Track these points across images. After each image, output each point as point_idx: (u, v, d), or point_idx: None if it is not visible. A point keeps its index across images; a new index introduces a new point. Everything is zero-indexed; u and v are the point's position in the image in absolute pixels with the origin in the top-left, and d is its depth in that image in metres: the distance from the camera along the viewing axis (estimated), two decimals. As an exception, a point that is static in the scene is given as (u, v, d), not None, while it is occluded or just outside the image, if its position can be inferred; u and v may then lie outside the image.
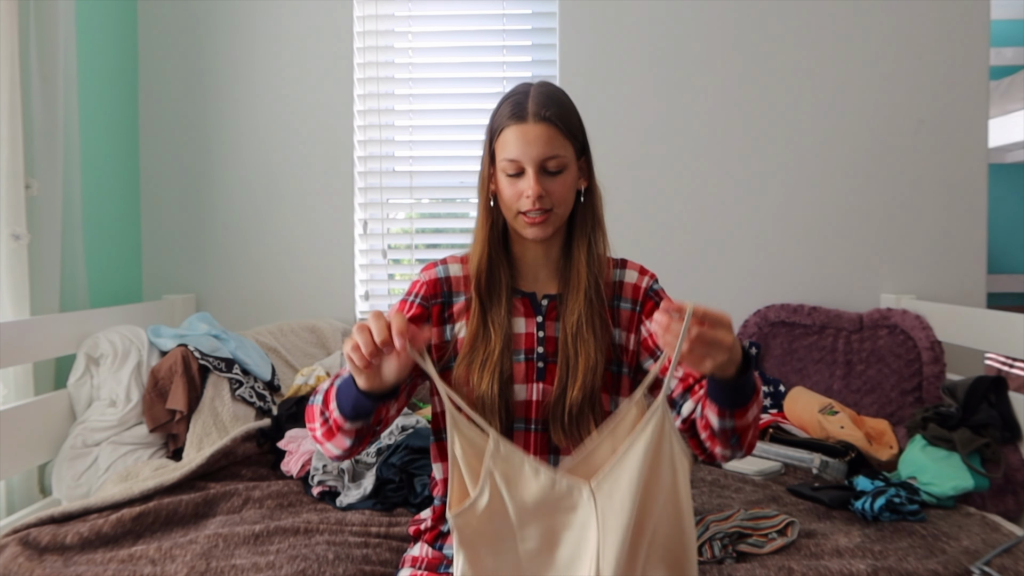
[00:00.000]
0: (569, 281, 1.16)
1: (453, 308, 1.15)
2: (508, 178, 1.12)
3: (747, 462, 1.88)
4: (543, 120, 1.10)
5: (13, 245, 1.87)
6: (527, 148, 1.09)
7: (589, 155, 1.18)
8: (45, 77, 1.99)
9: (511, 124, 1.10)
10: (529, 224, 1.12)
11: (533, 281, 1.19)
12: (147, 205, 2.63)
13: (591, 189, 1.20)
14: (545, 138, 1.10)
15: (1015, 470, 1.73)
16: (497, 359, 1.09)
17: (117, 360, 1.97)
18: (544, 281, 1.19)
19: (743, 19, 2.53)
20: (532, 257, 1.18)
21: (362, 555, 1.38)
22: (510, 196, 1.12)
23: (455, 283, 1.17)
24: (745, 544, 1.41)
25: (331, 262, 2.64)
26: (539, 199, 1.10)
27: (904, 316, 2.33)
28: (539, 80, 1.18)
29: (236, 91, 2.62)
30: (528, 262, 1.18)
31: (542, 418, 1.11)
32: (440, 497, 1.17)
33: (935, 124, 2.51)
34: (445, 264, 1.19)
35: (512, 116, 1.11)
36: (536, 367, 1.13)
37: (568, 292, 1.15)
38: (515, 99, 1.12)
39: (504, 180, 1.12)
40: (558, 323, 1.15)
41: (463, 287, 1.16)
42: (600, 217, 1.21)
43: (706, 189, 2.56)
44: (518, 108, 1.11)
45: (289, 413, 2.00)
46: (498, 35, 2.63)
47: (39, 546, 1.42)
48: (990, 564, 1.30)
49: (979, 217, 2.51)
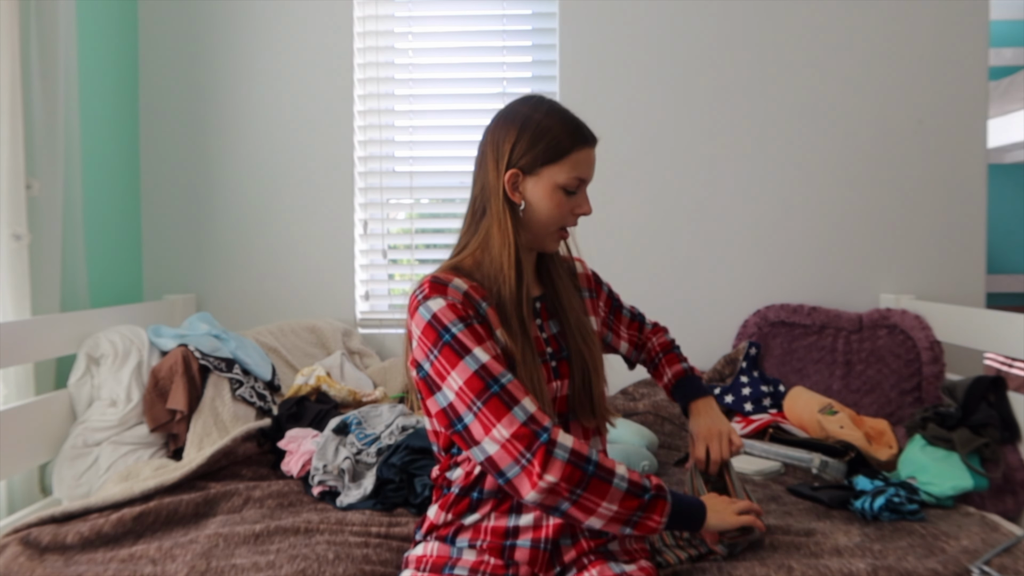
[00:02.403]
0: (553, 281, 1.26)
1: (487, 319, 1.14)
2: (563, 195, 1.18)
3: (747, 462, 1.88)
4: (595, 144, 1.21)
5: (14, 245, 1.87)
6: (590, 170, 1.20)
7: None
8: (45, 77, 1.99)
9: (585, 146, 1.18)
10: (562, 238, 1.23)
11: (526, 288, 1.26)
12: (147, 205, 2.64)
13: None
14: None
15: (1014, 470, 1.73)
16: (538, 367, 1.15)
17: (117, 360, 1.97)
18: (531, 287, 1.25)
19: (743, 19, 2.54)
20: (527, 266, 1.23)
21: (362, 555, 1.38)
22: (560, 213, 1.19)
23: (473, 294, 1.15)
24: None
25: (331, 262, 2.64)
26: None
27: (904, 316, 2.33)
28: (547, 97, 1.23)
29: (236, 91, 2.62)
30: (527, 271, 1.23)
31: (563, 411, 1.21)
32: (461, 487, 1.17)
33: (934, 124, 2.51)
34: (450, 281, 1.15)
35: (584, 139, 1.18)
36: (551, 367, 1.20)
37: (556, 291, 1.25)
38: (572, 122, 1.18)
39: (558, 196, 1.17)
40: (551, 321, 1.24)
41: (477, 295, 1.15)
42: None
43: (706, 189, 2.56)
44: (583, 132, 1.19)
45: (289, 413, 2.00)
46: (498, 35, 2.63)
47: (40, 546, 1.42)
48: (990, 563, 1.30)
49: (979, 217, 2.51)
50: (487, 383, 1.05)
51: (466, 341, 1.08)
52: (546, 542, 1.14)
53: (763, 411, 2.22)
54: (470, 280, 1.17)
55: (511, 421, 1.04)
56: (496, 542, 1.15)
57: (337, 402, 2.14)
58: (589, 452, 1.07)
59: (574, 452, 1.05)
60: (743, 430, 2.08)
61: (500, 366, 1.07)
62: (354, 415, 1.91)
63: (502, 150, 1.17)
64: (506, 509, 1.15)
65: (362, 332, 2.64)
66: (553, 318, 1.24)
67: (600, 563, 1.14)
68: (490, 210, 1.18)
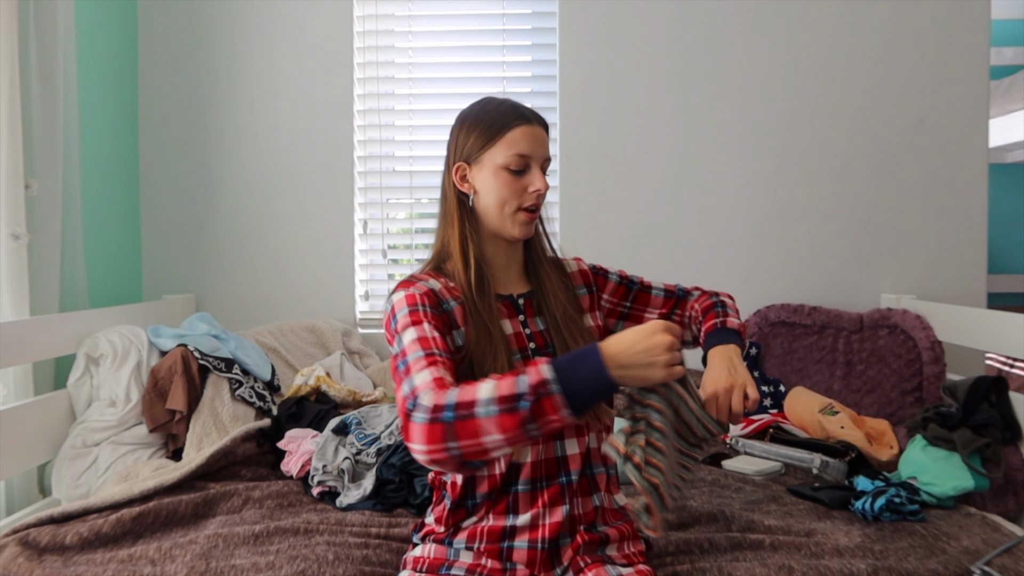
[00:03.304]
0: (540, 278, 1.25)
1: (453, 315, 1.16)
2: (509, 174, 1.17)
3: (747, 462, 1.88)
4: (542, 125, 1.21)
5: (13, 245, 1.87)
6: (536, 146, 1.18)
7: None
8: (45, 77, 1.99)
9: (520, 123, 1.18)
10: (527, 220, 1.19)
11: (505, 283, 1.24)
12: (147, 205, 2.63)
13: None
14: (545, 140, 1.21)
15: (1015, 470, 1.73)
16: (504, 362, 1.12)
17: (117, 360, 1.97)
18: (514, 282, 1.26)
19: (743, 19, 2.53)
20: (504, 259, 1.24)
21: (362, 556, 1.38)
22: (510, 192, 1.17)
23: (442, 292, 1.17)
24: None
25: (331, 262, 2.64)
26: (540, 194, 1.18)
27: (904, 316, 2.33)
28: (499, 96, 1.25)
29: (236, 91, 2.62)
30: (500, 264, 1.24)
31: None
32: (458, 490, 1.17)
33: (935, 124, 2.51)
34: (425, 279, 1.17)
35: (518, 117, 1.18)
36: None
37: (543, 288, 1.24)
38: (507, 104, 1.20)
39: (503, 176, 1.17)
40: (537, 318, 1.23)
41: (448, 295, 1.17)
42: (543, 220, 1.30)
43: (706, 189, 2.56)
44: (519, 110, 1.19)
45: (289, 413, 2.00)
46: (498, 35, 2.63)
47: (39, 546, 1.41)
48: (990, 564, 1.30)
49: (979, 217, 2.51)
50: (399, 361, 1.06)
51: (404, 323, 1.10)
52: (543, 542, 1.14)
53: (763, 411, 2.22)
54: (449, 281, 1.19)
55: (398, 398, 1.03)
56: (493, 544, 1.15)
57: (337, 402, 2.13)
58: (447, 398, 0.96)
59: (432, 408, 0.95)
60: (743, 430, 2.07)
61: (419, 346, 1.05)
62: (354, 415, 1.91)
63: (450, 148, 1.22)
64: (502, 509, 1.15)
65: (362, 332, 2.63)
66: (540, 315, 1.23)
67: (597, 566, 1.13)
68: (446, 208, 1.22)
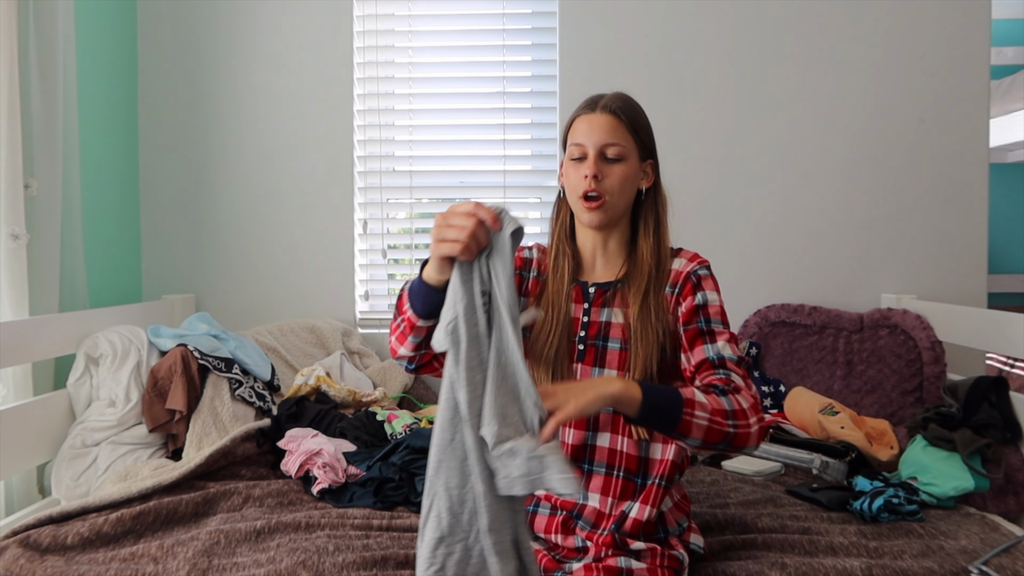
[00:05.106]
0: (630, 275, 1.25)
1: (529, 283, 1.31)
2: (572, 163, 1.24)
3: (747, 462, 1.88)
4: (609, 112, 1.24)
5: (12, 245, 1.87)
6: (591, 133, 1.23)
7: (656, 161, 1.32)
8: (44, 77, 1.99)
9: (582, 114, 1.26)
10: (587, 209, 1.22)
11: (590, 271, 1.30)
12: (147, 205, 2.63)
13: (655, 190, 1.30)
14: (608, 127, 1.23)
15: (1016, 470, 1.73)
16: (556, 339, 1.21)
17: (116, 360, 1.97)
18: (600, 271, 1.29)
19: (743, 19, 2.53)
20: (591, 247, 1.29)
21: (363, 545, 1.39)
22: (574, 181, 1.24)
23: (535, 263, 1.33)
24: None
25: (331, 262, 2.64)
26: (594, 179, 1.20)
27: (905, 316, 2.32)
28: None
29: (236, 91, 2.62)
30: (587, 252, 1.30)
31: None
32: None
33: (936, 123, 2.50)
34: (533, 248, 1.36)
35: (584, 107, 1.26)
36: (577, 349, 1.23)
37: (628, 285, 1.24)
38: (592, 96, 1.27)
39: (569, 166, 1.25)
40: (605, 309, 1.25)
41: (538, 267, 1.32)
42: (661, 218, 1.30)
43: (706, 189, 2.56)
44: (590, 101, 1.26)
45: (289, 413, 2.00)
46: (498, 35, 2.63)
47: (40, 547, 1.42)
48: (988, 564, 1.30)
49: (980, 217, 2.51)
50: None
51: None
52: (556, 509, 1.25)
53: (764, 411, 2.21)
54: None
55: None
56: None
57: (337, 402, 2.13)
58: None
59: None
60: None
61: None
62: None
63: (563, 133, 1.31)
64: None
65: (362, 332, 2.63)
66: (608, 306, 1.25)
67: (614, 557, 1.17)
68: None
